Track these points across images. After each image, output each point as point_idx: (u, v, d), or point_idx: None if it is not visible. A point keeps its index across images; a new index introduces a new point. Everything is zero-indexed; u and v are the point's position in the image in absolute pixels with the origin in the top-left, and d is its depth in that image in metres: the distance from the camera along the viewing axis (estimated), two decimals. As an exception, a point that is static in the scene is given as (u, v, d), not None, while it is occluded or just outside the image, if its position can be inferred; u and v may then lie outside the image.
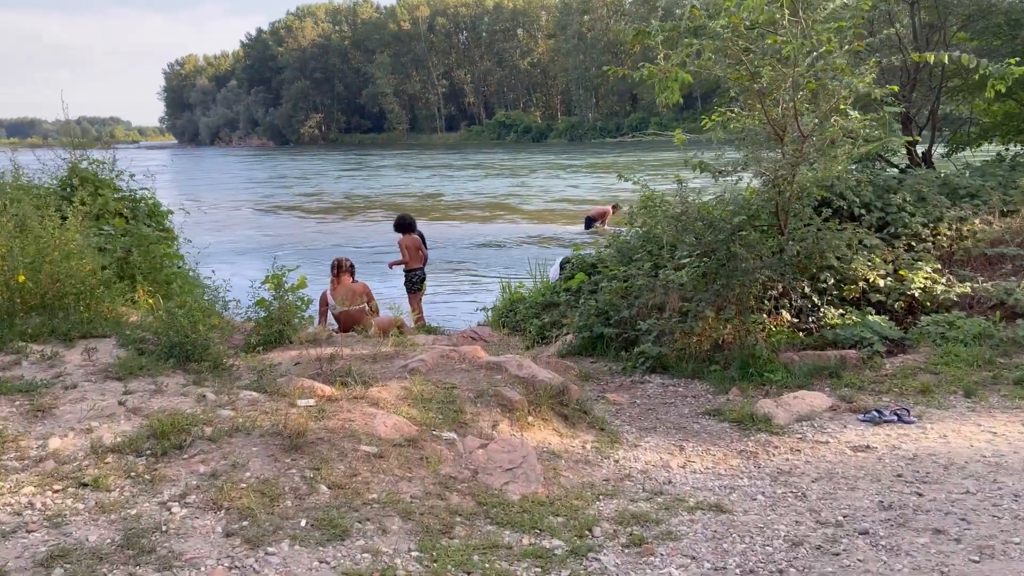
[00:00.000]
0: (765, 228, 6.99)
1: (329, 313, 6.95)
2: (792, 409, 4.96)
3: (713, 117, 6.46)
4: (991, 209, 8.04)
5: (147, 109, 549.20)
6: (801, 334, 6.54)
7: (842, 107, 6.52)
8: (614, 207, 19.23)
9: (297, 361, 5.16)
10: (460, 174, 43.76)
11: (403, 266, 9.46)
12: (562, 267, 9.45)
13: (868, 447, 4.35)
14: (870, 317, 6.39)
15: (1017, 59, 5.79)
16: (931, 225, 7.83)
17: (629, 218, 8.86)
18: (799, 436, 4.64)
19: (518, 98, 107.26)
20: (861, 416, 4.81)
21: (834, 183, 7.46)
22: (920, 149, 10.86)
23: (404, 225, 9.51)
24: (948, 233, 7.72)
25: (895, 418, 4.68)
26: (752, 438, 4.67)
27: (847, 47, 6.31)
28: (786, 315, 6.56)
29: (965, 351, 5.65)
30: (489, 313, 9.35)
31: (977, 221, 7.83)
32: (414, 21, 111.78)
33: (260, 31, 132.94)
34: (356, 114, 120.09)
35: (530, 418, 4.61)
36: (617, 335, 7.01)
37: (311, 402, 4.26)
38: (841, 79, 6.36)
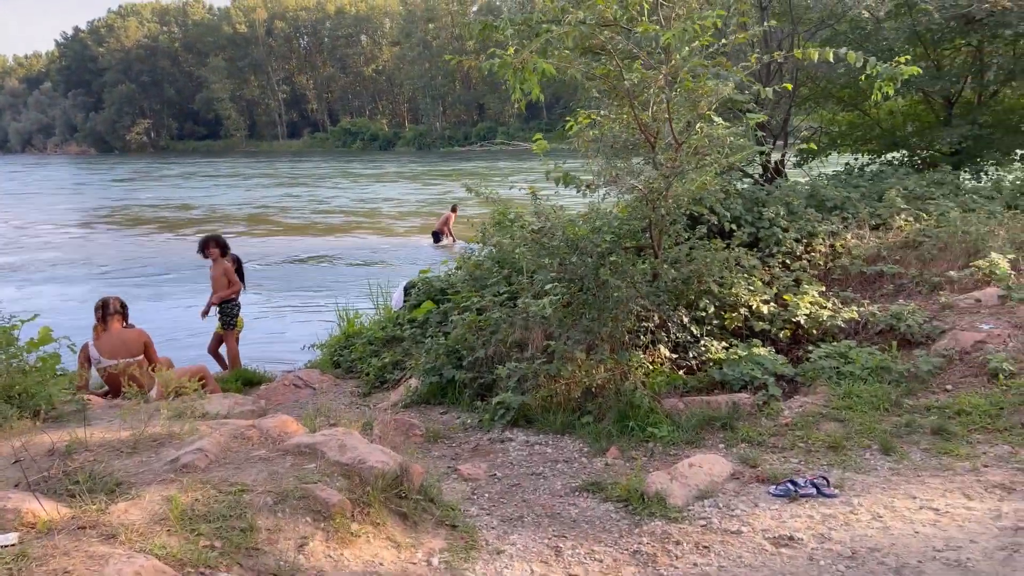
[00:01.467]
0: (635, 250, 6.09)
1: (94, 371, 5.28)
2: (689, 482, 3.98)
3: (579, 120, 5.45)
4: (860, 222, 7.59)
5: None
6: (682, 372, 5.65)
7: (707, 113, 5.73)
8: (453, 208, 18.27)
9: (17, 457, 3.60)
10: (297, 183, 41.30)
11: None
12: (406, 292, 8.20)
13: (792, 539, 3.41)
14: (757, 350, 5.60)
15: (907, 58, 5.17)
16: (804, 241, 7.26)
17: (481, 235, 7.76)
18: (703, 522, 3.65)
19: (363, 105, 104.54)
20: (772, 489, 3.90)
21: (703, 196, 6.70)
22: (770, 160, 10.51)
23: (216, 247, 7.90)
24: (822, 250, 7.17)
25: (813, 490, 3.80)
26: (646, 528, 3.63)
27: (712, 48, 5.53)
28: (664, 350, 5.66)
29: (867, 390, 4.93)
30: (318, 352, 7.93)
31: (849, 236, 7.34)
32: (251, 24, 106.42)
33: (78, 30, 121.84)
34: (189, 120, 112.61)
35: (355, 525, 3.34)
36: (471, 379, 5.86)
37: (11, 540, 2.79)
38: (706, 81, 5.56)
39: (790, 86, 7.12)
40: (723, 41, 5.73)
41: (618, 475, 4.35)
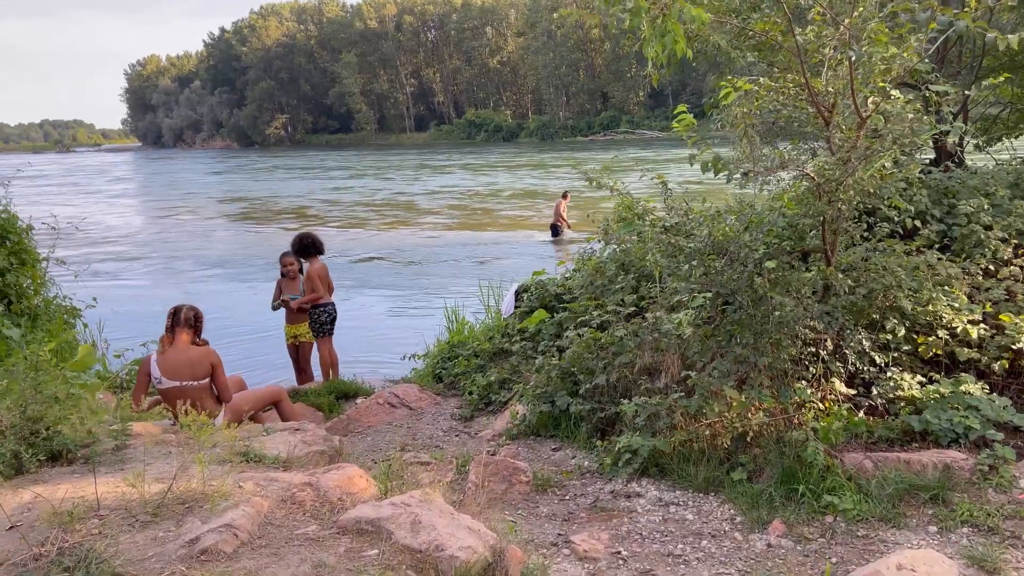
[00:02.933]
0: (799, 255, 4.85)
1: (156, 388, 4.59)
2: (903, 597, 2.78)
3: (737, 86, 4.26)
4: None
5: (111, 112, 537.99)
6: (862, 413, 4.38)
7: (881, 84, 4.43)
8: (564, 195, 17.15)
9: (13, 523, 2.88)
10: (424, 174, 41.40)
11: (310, 302, 7.13)
12: (517, 297, 7.25)
13: None
14: (966, 387, 4.25)
15: None
16: (1013, 242, 5.74)
17: (602, 232, 6.70)
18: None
19: (488, 97, 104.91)
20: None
21: (881, 186, 5.34)
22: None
23: (309, 247, 7.20)
24: (1041, 253, 5.62)
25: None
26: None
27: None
28: (840, 385, 4.40)
29: None
30: (421, 361, 7.11)
31: (1075, 236, 5.75)
32: (381, 19, 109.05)
33: (223, 30, 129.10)
34: (323, 114, 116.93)
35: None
36: (590, 412, 4.82)
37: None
38: (887, 45, 4.27)
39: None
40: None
41: (789, 566, 3.20)
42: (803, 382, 4.30)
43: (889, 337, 4.61)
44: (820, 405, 4.28)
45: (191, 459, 3.29)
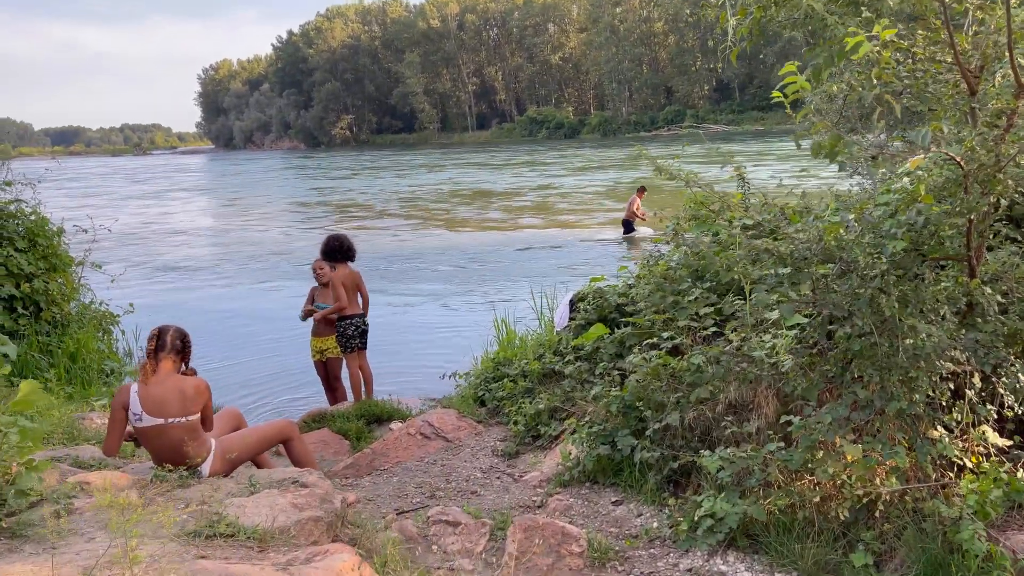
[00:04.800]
0: (932, 265, 3.81)
1: (133, 426, 3.80)
2: None
3: (851, 44, 3.25)
4: None
5: (186, 115, 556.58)
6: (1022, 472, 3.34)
7: None
8: (640, 191, 15.85)
9: None
10: (486, 171, 40.72)
11: (335, 313, 6.35)
12: (572, 307, 6.33)
13: None
14: None
15: None
16: None
17: (671, 232, 5.74)
18: None
19: (549, 94, 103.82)
20: None
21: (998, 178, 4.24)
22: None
23: (337, 251, 6.43)
24: None
25: None
26: None
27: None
28: (991, 434, 3.36)
29: None
30: (463, 379, 6.25)
31: None
32: (443, 19, 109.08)
33: (291, 33, 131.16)
34: (387, 114, 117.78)
35: None
36: (659, 459, 3.89)
37: None
38: None
39: None
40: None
41: None
42: (942, 430, 3.28)
43: (1054, 370, 3.54)
44: (967, 462, 3.25)
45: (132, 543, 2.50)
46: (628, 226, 15.87)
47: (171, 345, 3.83)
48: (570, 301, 6.44)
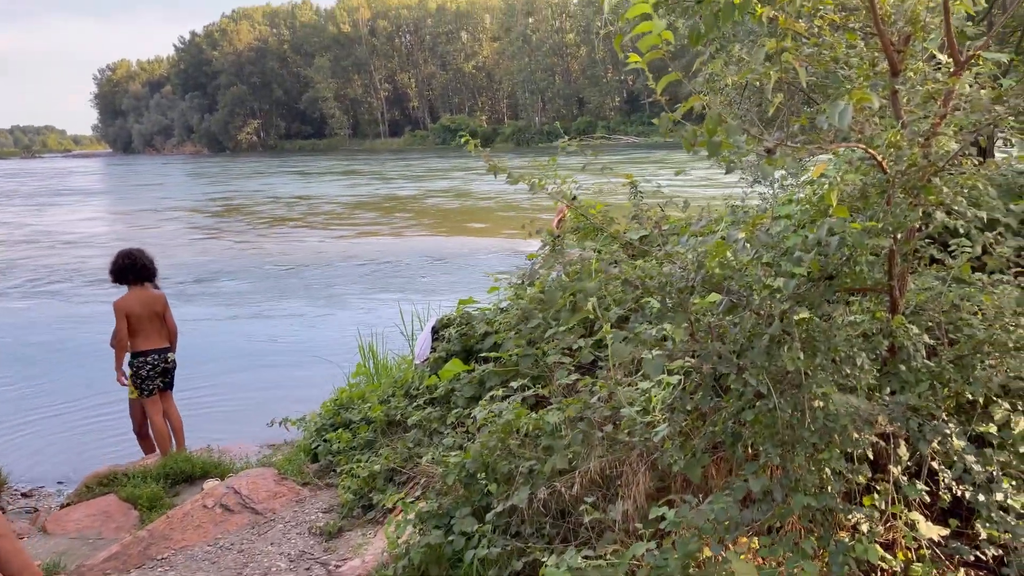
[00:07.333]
0: (840, 298, 3.00)
1: None
2: None
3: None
4: None
5: (83, 118, 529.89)
6: (962, 573, 2.54)
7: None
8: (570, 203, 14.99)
9: None
10: (397, 180, 39.38)
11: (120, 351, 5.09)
12: (435, 335, 5.36)
13: None
14: None
15: None
16: None
17: (545, 250, 4.87)
18: None
19: (463, 102, 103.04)
20: None
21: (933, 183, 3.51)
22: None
23: (129, 270, 5.23)
24: None
25: None
26: None
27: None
28: (922, 524, 2.54)
29: None
30: (298, 429, 5.15)
31: None
32: (354, 24, 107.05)
33: (194, 34, 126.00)
34: (296, 120, 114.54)
35: None
36: (503, 553, 2.93)
37: None
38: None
39: None
40: None
41: None
42: (862, 524, 2.45)
43: (993, 430, 2.78)
44: (895, 565, 2.43)
45: None
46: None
47: None
48: (432, 328, 5.46)
